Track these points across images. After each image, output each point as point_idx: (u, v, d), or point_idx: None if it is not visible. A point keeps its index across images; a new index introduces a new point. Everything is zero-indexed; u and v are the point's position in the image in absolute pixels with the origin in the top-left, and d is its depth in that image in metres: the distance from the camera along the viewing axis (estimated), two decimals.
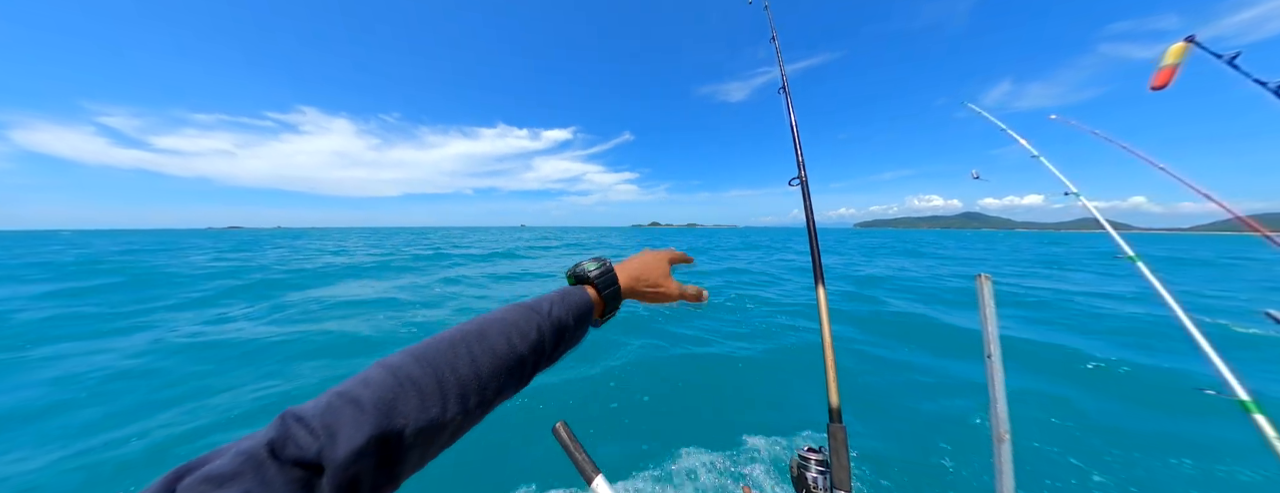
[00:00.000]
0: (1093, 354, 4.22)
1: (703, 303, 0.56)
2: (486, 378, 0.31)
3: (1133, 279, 10.48)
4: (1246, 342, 4.83)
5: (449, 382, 0.28)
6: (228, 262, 14.75)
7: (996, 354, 0.76)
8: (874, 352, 4.50)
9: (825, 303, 0.81)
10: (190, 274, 10.87)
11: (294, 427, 0.21)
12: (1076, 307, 6.97)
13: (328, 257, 17.53)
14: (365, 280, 10.29)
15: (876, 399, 3.33)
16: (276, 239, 47.55)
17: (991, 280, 0.79)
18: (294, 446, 0.20)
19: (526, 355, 0.35)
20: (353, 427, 0.22)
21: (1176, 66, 1.35)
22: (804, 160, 1.05)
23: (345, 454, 0.21)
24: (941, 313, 6.32)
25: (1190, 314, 1.16)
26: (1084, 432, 2.79)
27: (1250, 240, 42.33)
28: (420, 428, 0.25)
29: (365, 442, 0.22)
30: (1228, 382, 1.01)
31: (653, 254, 0.55)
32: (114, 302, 7.39)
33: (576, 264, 0.49)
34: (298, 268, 12.72)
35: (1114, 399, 3.29)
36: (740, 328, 5.53)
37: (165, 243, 33.72)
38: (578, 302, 0.42)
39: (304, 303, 7.18)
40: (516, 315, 0.36)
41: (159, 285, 9.20)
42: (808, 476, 0.64)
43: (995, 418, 0.75)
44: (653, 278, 0.52)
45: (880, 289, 8.75)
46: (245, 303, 7.34)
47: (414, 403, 0.25)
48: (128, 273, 11.06)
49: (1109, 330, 5.46)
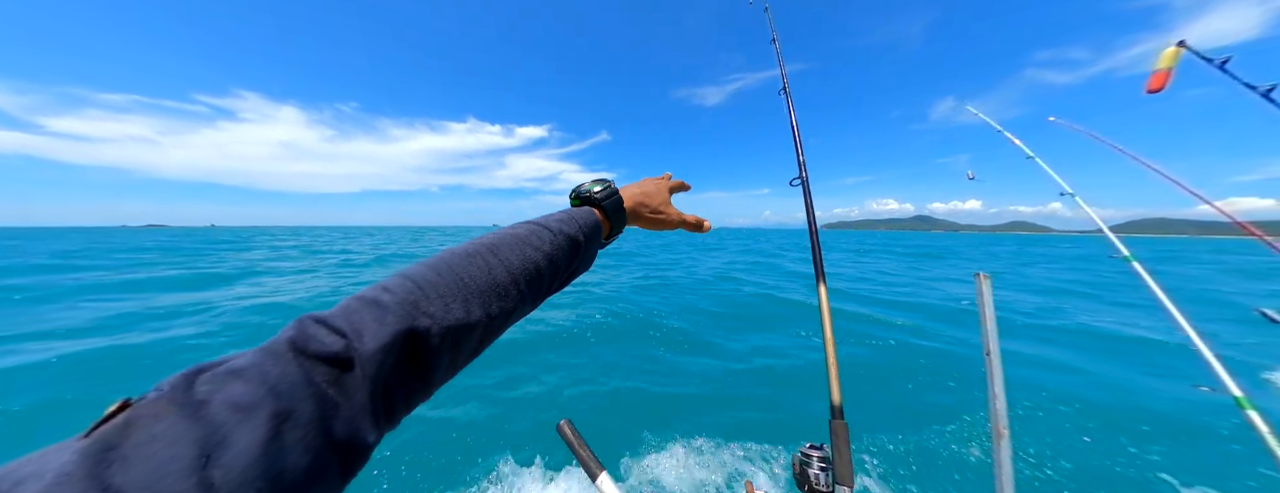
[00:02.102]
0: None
1: (704, 231, 0.56)
2: (506, 285, 0.31)
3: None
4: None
5: (470, 287, 0.28)
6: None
7: (995, 351, 0.77)
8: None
9: (826, 301, 0.82)
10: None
11: (313, 327, 0.21)
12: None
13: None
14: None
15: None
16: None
17: (990, 279, 0.80)
18: (317, 343, 0.20)
19: (543, 267, 0.34)
20: (377, 325, 0.22)
21: (1171, 70, 1.37)
22: (805, 160, 1.06)
23: (374, 348, 0.21)
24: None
25: (1180, 307, 1.17)
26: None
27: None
28: (447, 328, 0.25)
29: (392, 337, 0.22)
30: (1222, 380, 1.02)
31: (654, 181, 0.55)
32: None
33: (580, 185, 0.48)
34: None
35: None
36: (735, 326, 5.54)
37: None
38: (586, 221, 0.42)
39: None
40: (528, 231, 0.36)
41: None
42: (810, 472, 0.64)
43: (994, 414, 0.76)
44: (655, 203, 0.51)
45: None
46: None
47: (438, 305, 0.25)
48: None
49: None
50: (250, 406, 0.15)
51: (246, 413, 0.15)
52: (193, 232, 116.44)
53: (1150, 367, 4.07)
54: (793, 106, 1.20)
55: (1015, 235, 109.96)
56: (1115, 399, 3.30)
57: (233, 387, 0.16)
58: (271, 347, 0.19)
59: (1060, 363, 4.14)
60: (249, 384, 0.16)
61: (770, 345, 4.78)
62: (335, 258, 17.41)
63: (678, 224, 0.53)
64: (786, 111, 1.20)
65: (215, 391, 0.16)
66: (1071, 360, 4.21)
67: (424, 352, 0.24)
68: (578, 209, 0.44)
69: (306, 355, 0.19)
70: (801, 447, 0.68)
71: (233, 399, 0.15)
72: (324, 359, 0.19)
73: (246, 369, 0.17)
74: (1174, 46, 1.34)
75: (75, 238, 46.91)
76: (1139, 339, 4.96)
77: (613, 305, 6.73)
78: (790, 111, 1.19)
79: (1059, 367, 4.04)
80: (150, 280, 9.72)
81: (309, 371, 0.19)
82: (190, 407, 0.14)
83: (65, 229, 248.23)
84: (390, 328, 0.22)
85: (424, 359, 0.24)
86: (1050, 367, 4.04)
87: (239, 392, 0.16)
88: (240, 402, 0.15)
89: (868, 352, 4.52)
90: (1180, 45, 1.33)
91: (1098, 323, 5.87)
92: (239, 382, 0.16)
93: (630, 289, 8.54)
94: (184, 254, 18.31)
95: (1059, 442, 2.68)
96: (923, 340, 4.87)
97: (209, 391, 0.16)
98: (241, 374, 0.17)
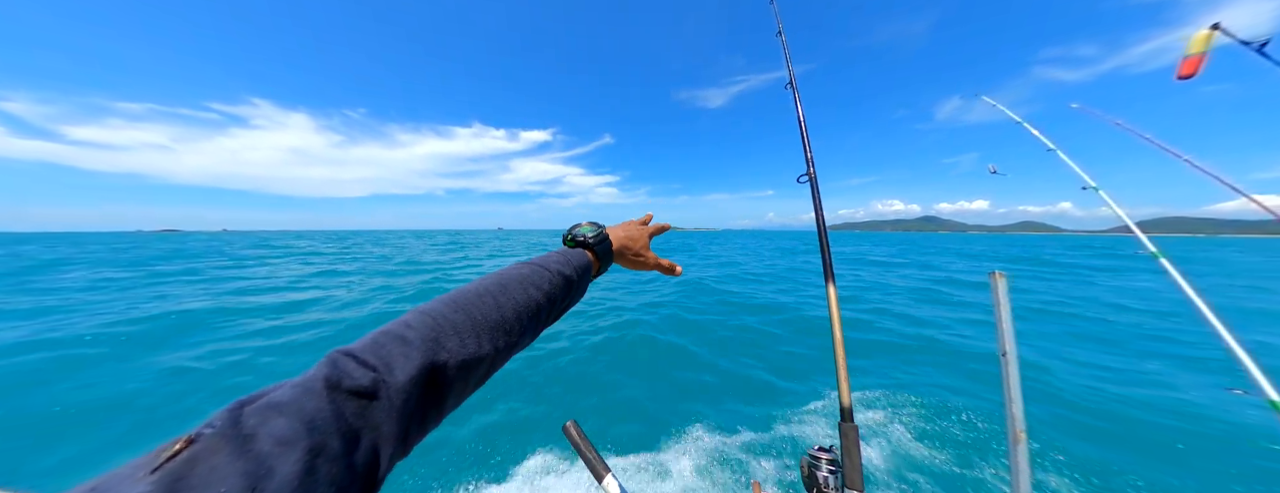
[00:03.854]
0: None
1: (676, 275, 0.65)
2: (511, 322, 0.35)
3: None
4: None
5: (481, 324, 0.32)
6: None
7: (1012, 352, 0.74)
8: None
9: (836, 302, 0.80)
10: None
11: (345, 362, 0.23)
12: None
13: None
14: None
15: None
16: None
17: (1006, 278, 0.77)
18: (349, 378, 0.22)
19: (542, 305, 0.39)
20: (405, 359, 0.25)
21: (1204, 55, 1.30)
22: (813, 157, 1.04)
23: (403, 380, 0.23)
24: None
25: (1205, 298, 1.11)
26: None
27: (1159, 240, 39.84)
28: (462, 362, 0.28)
29: (417, 372, 0.24)
30: (1258, 382, 0.97)
31: (638, 226, 0.63)
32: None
33: (573, 228, 0.55)
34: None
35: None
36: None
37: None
38: (580, 262, 0.48)
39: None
40: (531, 271, 0.41)
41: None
42: (819, 475, 0.63)
43: (1011, 418, 0.73)
44: (636, 246, 0.60)
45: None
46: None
47: (454, 341, 0.29)
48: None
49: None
50: (290, 439, 0.17)
51: (287, 446, 0.16)
52: (188, 237, 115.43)
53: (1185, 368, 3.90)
54: (799, 100, 1.17)
55: (1026, 236, 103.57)
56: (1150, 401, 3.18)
57: (275, 421, 0.17)
58: (307, 383, 0.21)
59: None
60: (288, 419, 0.18)
61: (777, 345, 4.73)
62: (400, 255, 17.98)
63: (654, 267, 0.62)
64: (794, 106, 1.17)
65: (260, 425, 0.17)
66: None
67: (442, 383, 0.27)
68: (572, 251, 0.50)
69: (339, 391, 0.21)
70: (810, 449, 0.67)
71: (276, 434, 0.17)
72: (354, 393, 0.21)
73: (286, 404, 0.18)
74: (1207, 29, 1.28)
75: (140, 241, 47.75)
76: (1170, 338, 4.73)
77: (617, 315, 6.74)
78: (797, 105, 1.16)
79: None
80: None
81: (340, 406, 0.20)
82: (240, 441, 0.16)
83: (85, 234, 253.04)
84: (415, 362, 0.25)
85: (441, 390, 0.27)
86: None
87: (281, 426, 0.17)
88: (282, 436, 0.17)
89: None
90: (1214, 27, 1.26)
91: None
92: (280, 417, 0.18)
93: (626, 292, 8.53)
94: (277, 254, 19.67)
95: (1075, 446, 2.59)
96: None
97: (255, 424, 0.17)
98: (282, 409, 0.18)
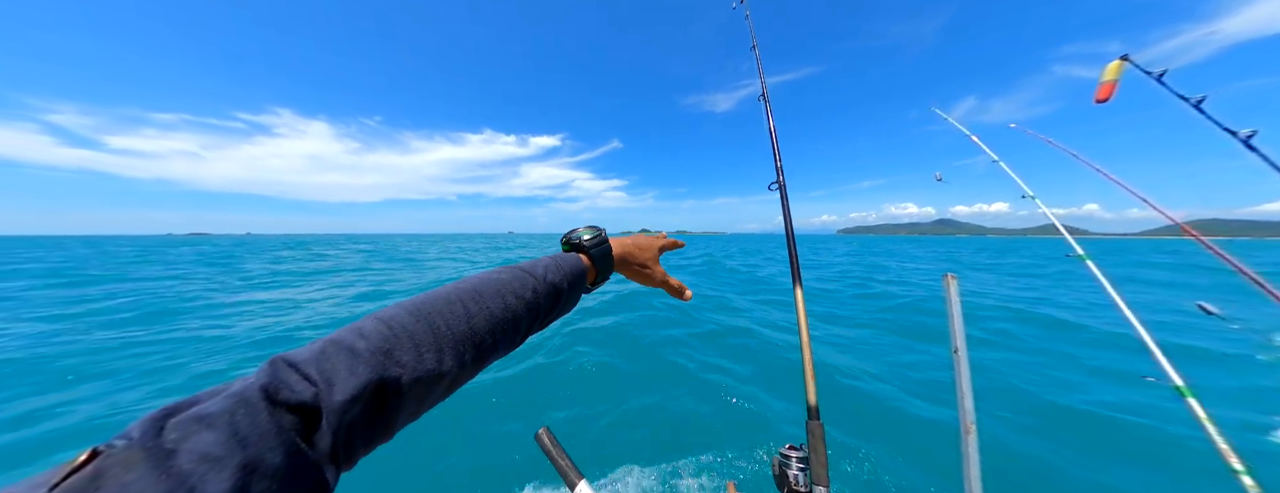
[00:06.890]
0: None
1: (684, 299, 0.59)
2: (482, 334, 0.31)
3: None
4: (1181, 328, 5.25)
5: (445, 336, 0.28)
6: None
7: (963, 349, 0.81)
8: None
9: (803, 304, 0.83)
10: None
11: (286, 372, 0.21)
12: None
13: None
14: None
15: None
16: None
17: (958, 280, 0.83)
18: (288, 390, 0.20)
19: (522, 315, 0.35)
20: (349, 373, 0.22)
21: (1115, 82, 1.48)
22: (783, 166, 1.09)
23: (342, 400, 0.21)
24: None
25: (1127, 303, 1.25)
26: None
27: (1186, 244, 46.08)
28: (417, 378, 0.25)
29: (361, 388, 0.22)
30: (1165, 370, 1.10)
31: (647, 237, 0.58)
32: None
33: (572, 231, 0.50)
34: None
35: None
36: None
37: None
38: (572, 268, 0.43)
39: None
40: (512, 276, 0.36)
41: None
42: (789, 473, 0.65)
43: (962, 411, 0.79)
44: (642, 257, 0.54)
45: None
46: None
47: (410, 354, 0.25)
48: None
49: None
50: (219, 457, 0.15)
51: (214, 464, 0.14)
52: (220, 241, 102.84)
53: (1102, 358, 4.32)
54: (771, 113, 1.23)
55: (1049, 239, 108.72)
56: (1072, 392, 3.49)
57: (201, 436, 0.15)
58: (243, 392, 0.19)
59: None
60: (217, 433, 0.16)
61: (755, 347, 4.84)
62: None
63: (660, 284, 0.56)
64: (765, 118, 1.23)
65: (183, 439, 0.15)
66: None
67: (391, 401, 0.24)
68: (565, 255, 0.45)
69: (276, 403, 0.19)
70: (781, 448, 0.69)
71: (201, 450, 0.15)
72: (293, 407, 0.19)
73: (216, 417, 0.16)
74: (1118, 61, 1.46)
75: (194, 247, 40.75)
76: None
77: (592, 319, 6.69)
78: (769, 118, 1.22)
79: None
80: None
81: (278, 419, 0.18)
82: (159, 457, 0.14)
83: (117, 237, 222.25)
84: (360, 379, 0.22)
85: (389, 407, 0.24)
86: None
87: (207, 441, 0.15)
88: (208, 452, 0.15)
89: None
90: (1124, 59, 1.44)
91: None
92: (208, 430, 0.16)
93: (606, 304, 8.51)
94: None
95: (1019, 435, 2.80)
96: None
97: (177, 439, 0.15)
98: (210, 422, 0.16)
